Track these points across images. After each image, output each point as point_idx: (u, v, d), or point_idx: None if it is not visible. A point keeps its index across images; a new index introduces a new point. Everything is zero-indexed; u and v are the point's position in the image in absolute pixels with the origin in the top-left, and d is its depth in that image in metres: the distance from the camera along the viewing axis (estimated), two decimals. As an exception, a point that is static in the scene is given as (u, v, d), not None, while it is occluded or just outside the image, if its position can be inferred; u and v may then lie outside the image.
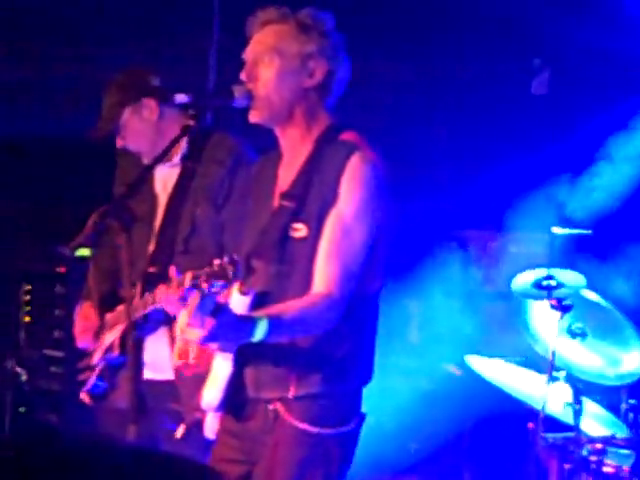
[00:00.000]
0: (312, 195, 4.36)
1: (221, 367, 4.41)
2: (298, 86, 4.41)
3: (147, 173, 5.16)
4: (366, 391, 4.48)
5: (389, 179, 4.41)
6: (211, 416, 4.48)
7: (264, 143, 4.69)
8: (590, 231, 7.54)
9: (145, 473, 1.25)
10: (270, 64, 4.40)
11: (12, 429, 5.88)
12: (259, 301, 4.31)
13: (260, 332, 4.15)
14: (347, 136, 4.40)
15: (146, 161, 5.46)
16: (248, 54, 4.46)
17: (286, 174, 4.48)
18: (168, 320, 5.10)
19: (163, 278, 5.06)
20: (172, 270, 4.52)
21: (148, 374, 5.23)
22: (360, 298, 4.35)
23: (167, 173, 5.46)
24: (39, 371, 5.71)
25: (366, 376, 4.46)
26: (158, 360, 5.24)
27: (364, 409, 4.45)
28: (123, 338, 5.33)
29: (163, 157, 4.96)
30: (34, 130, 6.44)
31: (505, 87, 8.16)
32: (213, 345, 4.32)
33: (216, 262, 4.09)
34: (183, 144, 5.41)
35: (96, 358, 5.47)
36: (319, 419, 4.31)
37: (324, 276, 4.28)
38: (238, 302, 4.27)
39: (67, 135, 5.82)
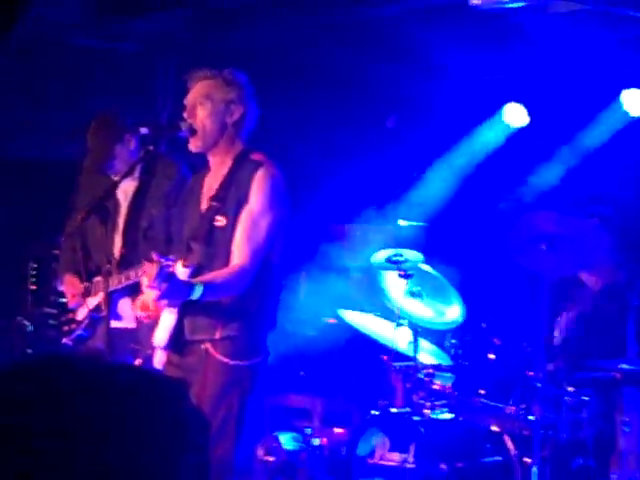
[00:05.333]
0: (230, 197, 4.51)
1: (168, 317, 4.53)
2: (223, 122, 4.56)
3: (117, 185, 5.14)
4: (270, 335, 4.60)
5: (286, 186, 4.55)
6: (159, 353, 4.58)
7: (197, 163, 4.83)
8: (425, 223, 7.60)
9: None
10: (204, 106, 4.55)
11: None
12: (195, 271, 4.45)
13: (197, 293, 4.32)
14: (255, 156, 4.56)
15: (117, 178, 5.37)
16: (189, 99, 4.61)
17: (213, 184, 4.62)
18: (132, 290, 5.10)
19: (131, 257, 5.20)
20: (154, 254, 4.46)
21: (117, 324, 5.22)
22: (266, 269, 4.50)
23: (128, 184, 5.42)
24: (40, 323, 5.69)
25: (271, 324, 4.60)
26: (125, 314, 5.28)
27: (269, 348, 4.60)
28: (106, 300, 5.10)
29: (130, 173, 5.12)
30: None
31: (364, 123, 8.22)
32: (164, 302, 4.44)
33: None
34: (141, 164, 5.38)
35: (81, 315, 5.46)
36: (237, 354, 4.46)
37: (240, 253, 4.44)
38: (182, 272, 4.40)
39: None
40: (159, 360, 4.61)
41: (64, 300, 5.61)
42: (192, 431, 1.20)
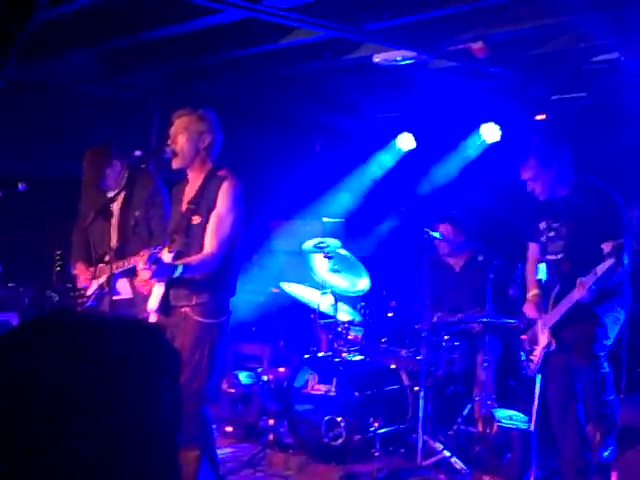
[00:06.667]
0: (203, 202, 4.48)
1: (158, 289, 4.51)
2: (197, 147, 4.51)
3: (113, 199, 5.12)
4: (231, 300, 4.56)
5: (245, 195, 4.52)
6: (153, 315, 4.54)
7: (179, 176, 4.74)
8: (343, 219, 7.70)
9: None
10: (183, 136, 4.50)
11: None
12: (177, 255, 4.42)
13: (178, 272, 4.31)
14: (221, 172, 4.52)
15: (111, 193, 5.30)
16: (172, 130, 4.56)
17: (190, 192, 4.58)
18: (127, 272, 5.03)
19: (124, 248, 5.03)
20: (143, 251, 4.47)
21: (117, 297, 5.12)
22: (229, 254, 4.47)
23: (118, 195, 5.29)
24: (63, 295, 5.63)
25: (232, 292, 4.57)
26: (123, 289, 5.19)
27: (230, 309, 4.58)
28: (109, 280, 5.14)
29: (124, 187, 5.13)
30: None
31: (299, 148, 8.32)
32: (155, 279, 4.41)
33: (167, 243, 4.37)
34: (125, 179, 5.30)
35: (90, 291, 5.38)
36: (208, 314, 4.44)
37: (210, 243, 4.42)
38: (167, 256, 4.39)
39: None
40: (152, 320, 4.55)
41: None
42: (168, 361, 1.17)
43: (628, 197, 6.71)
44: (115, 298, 5.06)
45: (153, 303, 4.53)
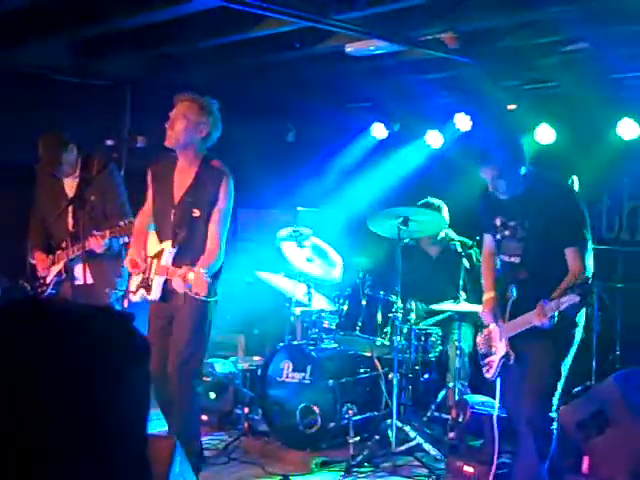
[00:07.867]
0: (202, 195, 4.54)
1: (159, 279, 4.59)
2: (193, 136, 4.53)
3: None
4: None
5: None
6: (137, 294, 4.63)
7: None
8: (318, 209, 7.66)
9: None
10: (181, 122, 4.52)
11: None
12: (179, 250, 4.51)
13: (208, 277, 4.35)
14: (215, 163, 4.59)
15: (65, 178, 5.38)
16: (172, 114, 4.56)
17: (183, 180, 4.61)
18: (86, 257, 5.02)
19: (79, 233, 5.03)
20: (94, 232, 4.78)
21: (76, 283, 5.13)
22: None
23: (71, 181, 5.38)
24: (34, 285, 5.56)
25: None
26: (79, 275, 5.09)
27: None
28: (65, 267, 5.31)
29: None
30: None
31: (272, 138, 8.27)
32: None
33: (121, 223, 4.40)
34: (79, 165, 5.37)
35: (49, 279, 5.44)
36: (206, 294, 4.43)
37: (215, 240, 4.55)
38: (172, 251, 4.51)
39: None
40: (134, 299, 4.68)
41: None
42: (136, 348, 1.17)
43: (596, 187, 6.74)
44: (75, 284, 5.11)
45: (156, 292, 4.61)
